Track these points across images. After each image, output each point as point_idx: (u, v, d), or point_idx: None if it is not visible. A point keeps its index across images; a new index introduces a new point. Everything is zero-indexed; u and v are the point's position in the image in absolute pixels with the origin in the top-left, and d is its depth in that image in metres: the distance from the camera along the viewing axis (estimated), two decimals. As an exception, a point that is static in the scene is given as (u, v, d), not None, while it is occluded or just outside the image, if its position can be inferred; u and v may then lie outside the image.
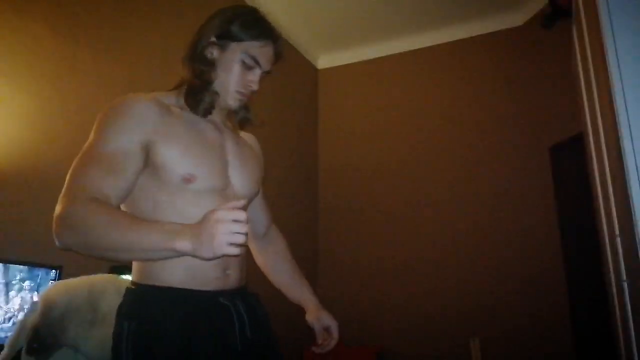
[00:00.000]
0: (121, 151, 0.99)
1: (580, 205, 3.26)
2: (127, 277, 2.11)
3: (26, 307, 1.83)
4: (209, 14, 1.26)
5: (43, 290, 1.76)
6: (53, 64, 2.39)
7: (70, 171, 1.00)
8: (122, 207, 1.07)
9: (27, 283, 1.91)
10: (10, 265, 1.87)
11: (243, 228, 0.87)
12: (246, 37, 1.13)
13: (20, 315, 1.76)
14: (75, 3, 2.55)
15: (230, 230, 0.85)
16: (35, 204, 2.22)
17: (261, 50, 1.14)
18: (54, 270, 1.99)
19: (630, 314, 1.53)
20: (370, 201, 4.35)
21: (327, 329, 1.33)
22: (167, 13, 3.15)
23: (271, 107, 4.11)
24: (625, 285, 1.53)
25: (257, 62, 1.15)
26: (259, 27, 1.15)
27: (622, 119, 1.23)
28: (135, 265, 1.11)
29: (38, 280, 1.94)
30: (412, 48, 4.56)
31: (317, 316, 1.34)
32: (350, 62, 4.76)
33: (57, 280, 1.95)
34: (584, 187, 2.49)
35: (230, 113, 1.27)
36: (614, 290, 1.81)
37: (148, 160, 1.04)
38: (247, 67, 1.15)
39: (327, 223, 4.51)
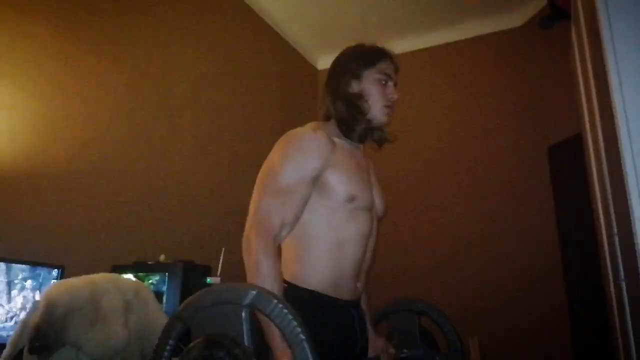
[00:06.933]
0: (299, 183, 1.20)
1: (578, 205, 3.27)
2: (129, 277, 2.12)
3: (28, 306, 1.83)
4: (208, 14, 1.30)
5: (45, 289, 1.77)
6: (53, 64, 2.39)
7: (256, 196, 1.21)
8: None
9: (29, 282, 1.91)
10: (13, 264, 1.88)
11: None
12: (375, 61, 1.37)
13: (23, 315, 1.77)
14: (75, 3, 2.55)
15: None
16: (37, 203, 2.23)
17: (387, 66, 1.40)
18: (55, 270, 2.00)
19: (628, 313, 1.54)
20: (370, 201, 4.35)
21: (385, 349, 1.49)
22: (167, 13, 3.16)
23: (272, 108, 4.12)
24: (624, 284, 1.54)
25: (389, 76, 1.39)
26: (379, 51, 1.41)
27: (620, 119, 1.24)
28: (289, 266, 1.24)
29: (40, 280, 1.95)
30: (412, 49, 4.56)
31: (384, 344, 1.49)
32: (349, 62, 4.76)
33: (59, 279, 1.95)
34: (582, 186, 2.50)
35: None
36: (612, 289, 1.82)
37: (316, 183, 1.23)
38: (382, 84, 1.38)
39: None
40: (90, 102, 2.56)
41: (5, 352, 1.49)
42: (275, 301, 0.89)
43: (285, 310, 0.88)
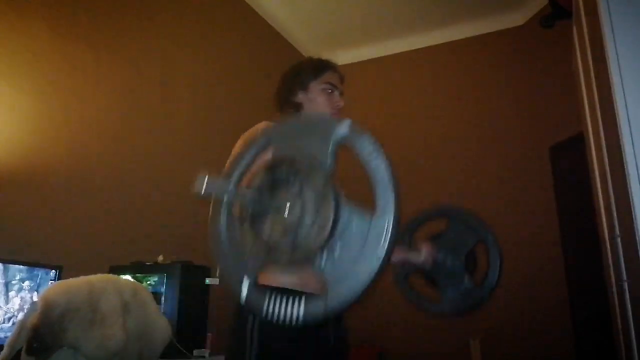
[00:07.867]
0: None
1: (580, 205, 3.26)
2: (127, 278, 2.11)
3: (26, 307, 1.83)
4: (207, 14, 1.30)
5: (43, 290, 1.76)
6: (53, 64, 2.39)
7: None
8: None
9: (26, 283, 1.90)
10: (10, 265, 1.87)
11: None
12: (320, 73, 1.49)
13: (20, 315, 1.76)
14: (75, 3, 2.54)
15: None
16: (35, 204, 2.22)
17: (332, 76, 1.50)
18: (53, 270, 1.99)
19: (630, 313, 1.53)
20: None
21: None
22: (167, 13, 3.15)
23: (270, 106, 4.11)
24: (626, 285, 1.53)
25: (334, 86, 1.50)
26: (323, 63, 1.52)
27: (622, 118, 1.23)
28: None
29: (38, 280, 1.94)
30: (412, 48, 4.55)
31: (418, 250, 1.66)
32: (350, 62, 4.76)
33: (57, 280, 1.95)
34: (584, 186, 2.49)
35: None
36: (614, 290, 1.81)
37: None
38: (328, 93, 1.49)
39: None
40: (88, 101, 2.56)
41: (3, 353, 1.48)
42: (369, 137, 0.79)
43: (380, 151, 0.78)
